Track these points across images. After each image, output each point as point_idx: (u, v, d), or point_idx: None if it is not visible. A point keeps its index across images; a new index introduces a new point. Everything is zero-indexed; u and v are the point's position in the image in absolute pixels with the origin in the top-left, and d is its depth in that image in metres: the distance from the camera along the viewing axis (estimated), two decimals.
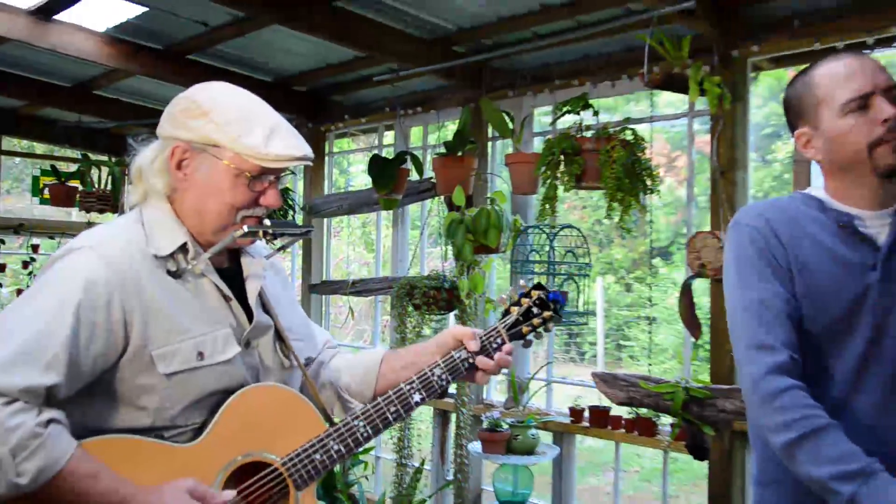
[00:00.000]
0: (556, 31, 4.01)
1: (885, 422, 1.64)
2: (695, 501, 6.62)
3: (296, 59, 5.00)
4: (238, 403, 1.63)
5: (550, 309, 1.87)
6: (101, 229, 1.68)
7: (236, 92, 1.71)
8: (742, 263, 1.72)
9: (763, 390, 1.59)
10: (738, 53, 3.56)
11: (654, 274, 11.76)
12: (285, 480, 1.64)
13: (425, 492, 4.77)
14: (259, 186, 1.66)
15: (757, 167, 9.62)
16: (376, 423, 1.72)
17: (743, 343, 1.67)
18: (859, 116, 1.65)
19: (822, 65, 1.73)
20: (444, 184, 4.35)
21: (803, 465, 1.52)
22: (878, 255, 1.67)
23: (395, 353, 1.91)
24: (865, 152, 1.65)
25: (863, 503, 1.44)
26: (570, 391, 5.45)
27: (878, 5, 3.26)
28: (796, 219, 1.73)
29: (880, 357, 1.65)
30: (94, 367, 1.51)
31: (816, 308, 1.67)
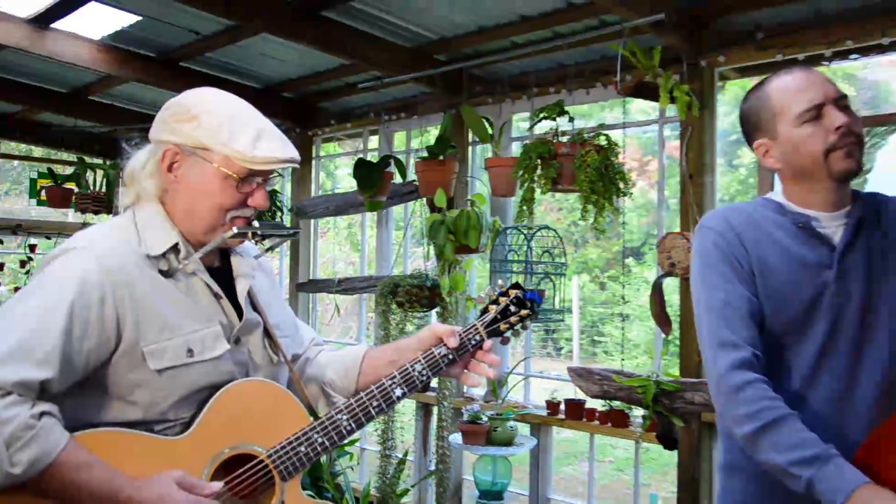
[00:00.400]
0: (534, 41, 4.03)
1: (838, 413, 1.66)
2: (665, 489, 6.66)
3: (284, 67, 4.99)
4: (226, 398, 1.62)
5: (527, 307, 1.88)
6: (94, 230, 1.68)
7: (225, 97, 1.70)
8: (707, 266, 1.75)
9: (727, 384, 1.62)
10: (705, 63, 3.59)
11: (626, 273, 11.79)
12: (271, 472, 1.64)
13: (408, 482, 4.77)
14: (247, 188, 1.65)
15: (724, 172, 9.69)
16: (359, 416, 1.71)
17: (708, 341, 1.69)
18: (814, 126, 1.69)
19: (774, 80, 1.77)
20: (426, 186, 4.36)
21: (765, 452, 1.55)
22: (833, 255, 1.70)
23: (377, 349, 1.90)
24: (822, 158, 1.68)
25: (818, 486, 1.47)
26: (547, 385, 5.47)
27: (836, 21, 3.32)
28: (758, 222, 1.76)
29: (836, 352, 1.68)
30: (88, 362, 1.51)
31: (777, 306, 1.69)
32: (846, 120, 1.66)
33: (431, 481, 4.67)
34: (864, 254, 1.71)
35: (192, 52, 4.77)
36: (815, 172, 1.71)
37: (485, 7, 3.81)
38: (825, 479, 1.46)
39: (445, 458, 4.47)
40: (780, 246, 1.72)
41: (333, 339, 9.30)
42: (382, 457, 4.55)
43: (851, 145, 1.67)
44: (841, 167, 1.68)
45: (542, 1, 3.66)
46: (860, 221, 1.72)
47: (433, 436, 4.58)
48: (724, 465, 1.84)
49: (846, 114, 1.68)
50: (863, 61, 3.43)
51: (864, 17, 3.24)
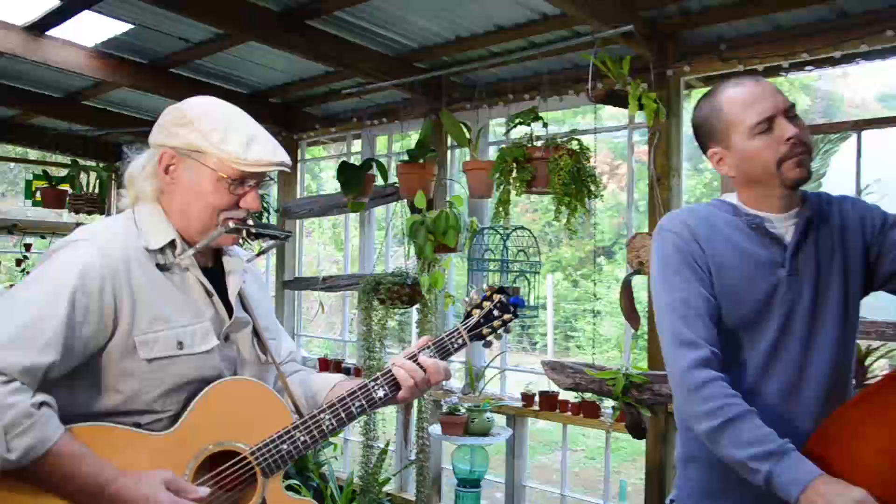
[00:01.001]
0: (510, 51, 4.03)
1: (790, 405, 1.67)
2: (634, 475, 6.69)
3: (271, 74, 4.97)
4: (212, 395, 1.61)
5: (511, 312, 1.85)
6: (97, 224, 1.69)
7: (221, 104, 1.71)
8: (666, 267, 1.74)
9: (688, 383, 1.62)
10: (672, 73, 3.61)
11: (598, 271, 11.86)
12: (254, 468, 1.63)
13: (390, 471, 4.76)
14: (240, 190, 1.65)
15: (689, 175, 9.74)
16: (341, 416, 1.69)
17: (669, 340, 1.69)
18: (766, 137, 1.68)
19: (726, 91, 1.75)
20: (406, 188, 4.35)
21: (726, 448, 1.55)
22: (785, 254, 1.71)
23: (347, 381, 1.86)
24: (774, 168, 1.68)
25: (776, 479, 1.47)
26: (522, 378, 5.49)
27: (792, 35, 3.36)
28: (714, 223, 1.76)
29: (788, 347, 1.69)
30: (86, 348, 1.51)
31: (732, 303, 1.69)
32: (796, 131, 1.66)
33: (412, 470, 4.67)
34: (813, 252, 1.72)
35: (182, 59, 4.74)
36: (768, 180, 1.72)
37: (463, 18, 3.81)
38: (782, 472, 1.47)
39: (425, 448, 4.47)
40: (734, 245, 1.72)
41: (318, 334, 9.29)
42: (365, 447, 4.54)
43: (801, 155, 1.67)
44: (792, 176, 1.68)
45: (518, 12, 3.66)
46: (809, 221, 1.73)
47: (414, 427, 4.57)
48: (682, 455, 1.85)
49: (795, 124, 1.68)
50: (817, 73, 3.47)
51: (818, 33, 3.28)
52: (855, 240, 1.73)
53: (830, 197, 1.81)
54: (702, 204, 1.87)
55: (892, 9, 3.10)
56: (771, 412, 1.61)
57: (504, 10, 3.66)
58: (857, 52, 3.22)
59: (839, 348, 1.70)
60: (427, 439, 4.43)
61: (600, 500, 4.22)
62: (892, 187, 3.37)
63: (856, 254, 1.73)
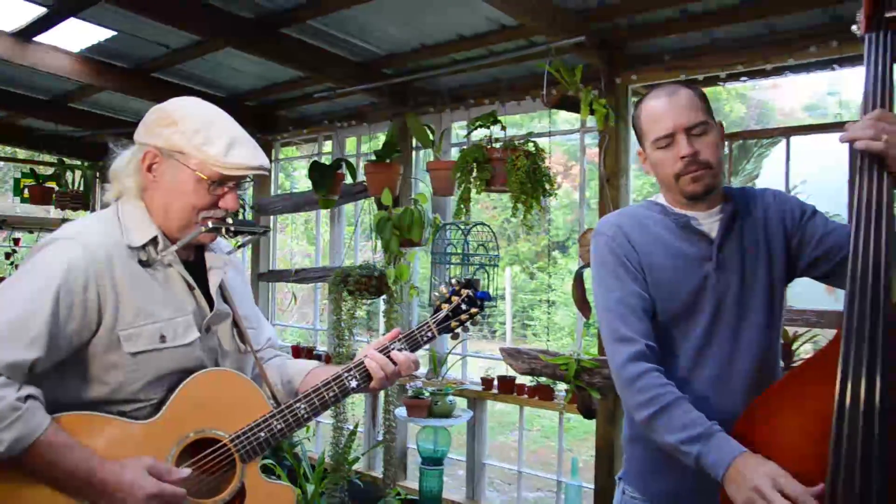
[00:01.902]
0: (471, 58, 4.04)
1: (722, 389, 1.69)
2: (585, 453, 6.77)
3: (246, 78, 4.93)
4: (192, 385, 1.60)
5: (478, 306, 1.85)
6: (81, 222, 1.65)
7: (205, 106, 1.67)
8: (602, 268, 1.76)
9: (625, 376, 1.64)
10: (620, 81, 3.65)
11: (553, 264, 11.94)
12: (233, 455, 1.62)
13: (359, 450, 4.76)
14: (219, 191, 1.63)
15: (637, 175, 9.86)
16: (316, 405, 1.69)
17: (607, 337, 1.71)
18: (666, 152, 1.70)
19: (646, 101, 1.76)
20: (374, 186, 4.34)
21: (659, 434, 1.57)
22: (712, 248, 1.72)
23: (321, 368, 1.86)
24: (673, 181, 1.71)
25: (704, 460, 1.49)
26: (482, 363, 5.50)
27: (729, 48, 3.42)
28: (645, 223, 1.77)
29: (718, 335, 1.71)
30: (71, 343, 1.49)
31: (665, 297, 1.71)
32: (689, 150, 1.66)
33: (380, 450, 4.67)
34: (738, 245, 1.73)
35: (163, 64, 4.68)
36: (673, 188, 1.74)
37: (427, 27, 3.82)
38: (709, 453, 1.49)
39: (392, 429, 4.47)
40: (664, 243, 1.74)
41: (291, 323, 9.23)
42: (335, 428, 4.53)
43: (696, 172, 1.67)
44: (688, 191, 1.71)
45: (478, 22, 3.67)
46: (733, 216, 1.74)
47: (381, 409, 4.57)
48: (627, 436, 1.89)
49: (693, 144, 1.67)
50: (751, 83, 3.53)
51: (752, 46, 3.35)
52: (777, 230, 1.74)
53: (753, 191, 1.82)
54: (634, 206, 1.89)
55: (815, 28, 3.19)
56: (704, 397, 1.63)
57: (466, 20, 3.67)
58: (785, 66, 3.29)
59: (766, 334, 1.72)
60: (393, 421, 4.44)
61: (554, 475, 4.26)
62: (818, 188, 3.45)
63: (778, 244, 1.74)
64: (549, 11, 3.29)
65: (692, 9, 3.29)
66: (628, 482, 1.87)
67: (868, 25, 1.37)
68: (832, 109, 9.73)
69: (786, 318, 3.25)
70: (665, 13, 3.34)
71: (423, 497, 4.19)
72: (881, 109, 1.38)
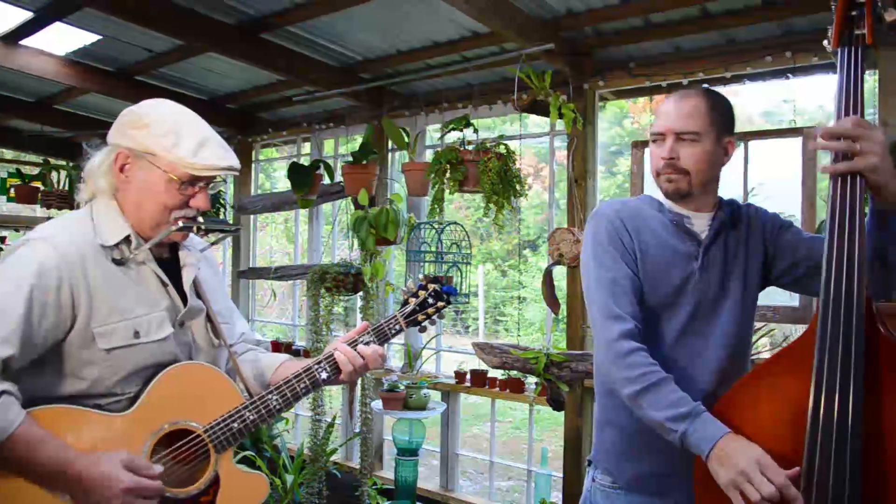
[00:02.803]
0: (445, 64, 4.05)
1: (695, 373, 1.72)
2: (554, 443, 6.81)
3: (228, 82, 4.89)
4: (167, 378, 1.59)
5: (444, 300, 1.86)
6: (54, 222, 1.62)
7: (175, 108, 1.65)
8: (598, 247, 1.77)
9: (615, 351, 1.64)
10: (588, 86, 3.68)
11: (524, 262, 11.96)
12: (207, 445, 1.61)
13: (336, 442, 4.75)
14: (190, 191, 1.61)
15: (604, 177, 9.93)
16: (287, 396, 1.68)
17: (599, 312, 1.71)
18: (656, 147, 1.76)
19: (666, 99, 1.80)
20: (351, 187, 4.33)
21: (646, 410, 1.58)
22: (700, 249, 1.77)
23: (292, 361, 1.85)
24: (655, 175, 1.77)
25: (690, 438, 1.51)
26: (456, 358, 5.52)
27: (691, 57, 3.48)
28: (641, 215, 1.80)
29: (695, 327, 1.75)
30: (45, 340, 1.46)
31: (653, 285, 1.74)
32: (669, 154, 1.72)
33: (357, 441, 4.66)
34: (722, 251, 1.78)
35: (146, 68, 4.64)
36: (655, 182, 1.80)
37: (403, 34, 3.81)
38: (695, 431, 1.51)
39: (368, 421, 4.47)
40: (657, 236, 1.77)
41: (272, 319, 9.16)
42: (314, 421, 4.52)
43: (670, 174, 1.73)
44: (663, 188, 1.77)
45: (452, 30, 3.68)
46: (722, 223, 1.79)
47: (357, 402, 4.56)
48: (599, 420, 1.89)
49: (677, 148, 1.72)
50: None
51: (712, 55, 3.40)
52: (756, 241, 1.80)
53: (739, 204, 1.88)
54: (632, 198, 1.92)
55: (771, 39, 3.25)
56: (681, 379, 1.66)
57: (440, 27, 3.67)
58: (744, 74, 3.35)
59: (736, 331, 1.77)
60: (370, 413, 4.43)
61: (525, 465, 4.29)
62: (774, 191, 3.50)
63: (756, 253, 1.80)
64: (520, 19, 3.30)
65: (656, 19, 3.33)
66: (598, 466, 1.88)
67: (838, 41, 1.42)
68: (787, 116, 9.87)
69: None
70: (630, 22, 3.38)
71: (399, 487, 4.20)
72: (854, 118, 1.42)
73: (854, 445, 1.34)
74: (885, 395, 1.36)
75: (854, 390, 1.34)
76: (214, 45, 3.96)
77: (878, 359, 1.38)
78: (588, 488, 1.91)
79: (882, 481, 1.36)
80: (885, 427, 1.35)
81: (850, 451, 1.34)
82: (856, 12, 1.40)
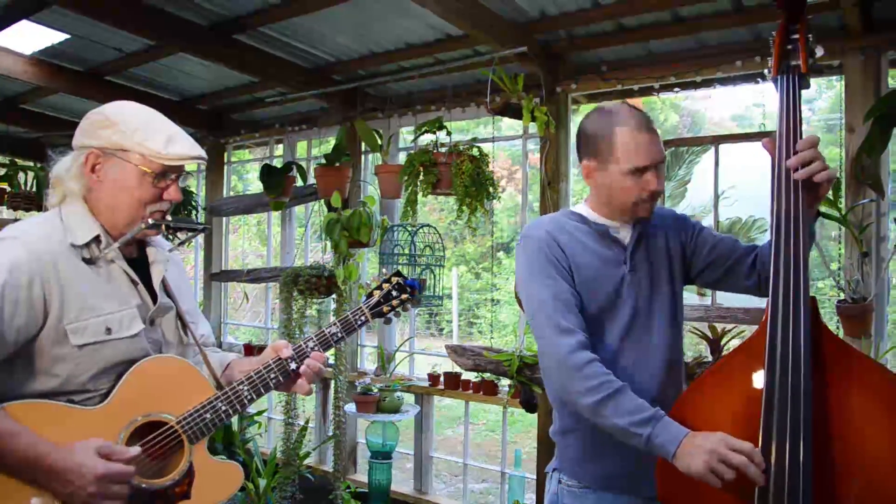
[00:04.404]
0: (418, 66, 4.04)
1: (641, 372, 1.79)
2: (528, 445, 6.81)
3: (199, 82, 4.83)
4: (139, 372, 1.60)
5: (407, 292, 1.91)
6: (24, 223, 1.63)
7: (141, 107, 1.69)
8: (534, 267, 1.80)
9: (571, 363, 1.67)
10: (560, 90, 3.69)
11: (497, 264, 12.00)
12: (180, 436, 1.62)
13: (310, 445, 4.71)
14: (162, 183, 1.64)
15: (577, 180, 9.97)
16: (258, 387, 1.72)
17: (548, 328, 1.73)
18: (636, 180, 1.77)
19: (623, 122, 1.77)
20: (324, 189, 4.31)
21: (609, 418, 1.61)
22: (625, 253, 1.84)
23: (242, 360, 1.87)
24: (630, 205, 1.80)
25: (655, 440, 1.55)
26: (429, 360, 5.50)
27: (662, 61, 3.51)
28: (568, 229, 1.85)
29: (636, 328, 1.82)
30: (18, 338, 1.47)
31: (589, 295, 1.79)
32: (655, 188, 1.77)
33: (330, 445, 4.63)
34: (646, 252, 1.86)
35: (116, 68, 4.56)
36: (620, 209, 1.83)
37: (376, 35, 3.80)
38: (659, 434, 1.55)
39: (342, 424, 4.44)
40: (586, 247, 1.83)
41: (244, 322, 9.08)
42: (287, 425, 4.48)
43: (652, 202, 1.81)
44: (640, 215, 1.83)
45: (425, 32, 3.67)
46: (644, 228, 1.87)
47: (331, 405, 4.53)
48: (559, 429, 1.94)
49: (658, 177, 1.78)
50: (683, 94, 3.61)
51: (684, 60, 3.44)
52: (675, 242, 1.90)
53: (659, 209, 1.94)
54: (552, 215, 1.96)
55: (741, 44, 3.29)
56: (629, 376, 1.72)
57: (413, 29, 3.66)
58: (714, 78, 3.38)
59: (673, 324, 1.86)
60: (343, 417, 4.40)
61: (498, 467, 4.28)
62: (744, 193, 3.54)
63: (677, 253, 1.90)
64: (493, 22, 3.30)
65: (628, 23, 3.35)
66: (563, 472, 1.90)
67: (777, 70, 1.60)
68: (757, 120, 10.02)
69: (715, 315, 3.34)
70: (603, 26, 3.39)
71: (373, 490, 4.17)
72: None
73: (806, 426, 1.43)
74: (829, 377, 1.49)
75: (804, 379, 1.45)
76: (186, 46, 3.91)
77: (822, 350, 1.50)
78: (555, 492, 1.94)
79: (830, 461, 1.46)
80: (830, 408, 1.47)
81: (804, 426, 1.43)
82: (791, 46, 1.60)
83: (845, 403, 1.46)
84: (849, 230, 2.94)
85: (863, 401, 1.45)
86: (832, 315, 3.11)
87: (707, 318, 3.36)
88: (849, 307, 2.89)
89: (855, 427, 1.44)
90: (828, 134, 8.70)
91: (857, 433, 1.44)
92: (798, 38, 1.59)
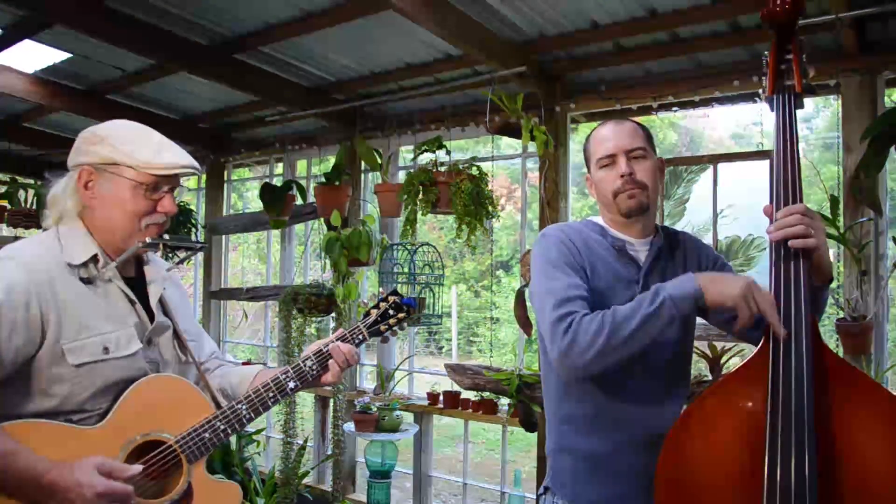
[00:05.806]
0: (418, 86, 4.06)
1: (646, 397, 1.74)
2: (528, 464, 6.77)
3: (200, 101, 4.85)
4: (137, 391, 1.59)
5: (404, 311, 1.91)
6: (21, 243, 1.63)
7: (130, 123, 1.70)
8: (549, 262, 1.77)
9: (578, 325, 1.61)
10: (559, 109, 3.71)
11: (497, 283, 12.00)
12: (179, 456, 1.61)
13: (308, 465, 4.68)
14: (156, 195, 1.64)
15: (576, 198, 9.99)
16: (257, 406, 1.71)
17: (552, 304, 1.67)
18: (608, 170, 1.80)
19: (596, 128, 1.87)
20: (323, 208, 4.32)
21: (623, 333, 1.56)
22: (640, 274, 1.80)
23: (268, 370, 1.87)
24: (612, 198, 1.80)
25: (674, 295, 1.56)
26: (429, 379, 5.49)
27: (661, 81, 3.54)
28: (585, 238, 1.83)
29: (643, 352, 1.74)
30: (16, 357, 1.46)
31: (598, 304, 1.72)
32: (627, 169, 1.77)
33: (329, 464, 4.60)
34: (661, 275, 1.80)
35: (117, 87, 4.59)
36: (611, 206, 1.82)
37: (376, 55, 3.82)
38: (673, 289, 1.57)
39: (340, 443, 4.42)
40: (602, 258, 1.80)
41: (243, 340, 9.06)
42: (285, 444, 4.46)
43: (632, 189, 1.77)
44: (625, 206, 1.79)
45: (425, 52, 3.70)
46: (660, 249, 1.84)
47: (330, 424, 4.51)
48: (553, 447, 1.87)
49: (631, 164, 1.77)
50: (682, 113, 3.63)
51: (682, 79, 3.46)
52: (692, 269, 1.82)
53: (677, 232, 1.93)
54: (574, 222, 1.94)
55: (738, 63, 3.32)
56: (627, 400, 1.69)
57: (413, 49, 3.69)
58: (712, 97, 3.40)
59: (679, 349, 1.80)
60: (342, 436, 4.38)
61: (498, 486, 4.25)
62: (743, 212, 3.54)
63: None
64: (492, 43, 3.33)
65: (626, 43, 3.37)
66: (556, 493, 1.85)
67: (772, 90, 1.61)
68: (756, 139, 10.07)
69: (714, 333, 3.34)
70: (601, 47, 3.42)
71: None
72: (803, 205, 1.54)
73: (811, 446, 1.41)
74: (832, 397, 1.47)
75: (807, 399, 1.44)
76: (188, 65, 3.94)
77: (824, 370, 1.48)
78: None
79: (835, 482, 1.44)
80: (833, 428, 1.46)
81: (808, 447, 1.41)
82: (784, 66, 1.62)
83: (848, 424, 1.45)
84: (847, 249, 2.95)
85: (866, 421, 1.44)
86: (832, 333, 3.11)
87: (707, 337, 3.36)
88: (848, 325, 2.89)
89: (858, 448, 1.43)
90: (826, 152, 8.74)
91: (860, 454, 1.43)
92: (792, 58, 1.61)
